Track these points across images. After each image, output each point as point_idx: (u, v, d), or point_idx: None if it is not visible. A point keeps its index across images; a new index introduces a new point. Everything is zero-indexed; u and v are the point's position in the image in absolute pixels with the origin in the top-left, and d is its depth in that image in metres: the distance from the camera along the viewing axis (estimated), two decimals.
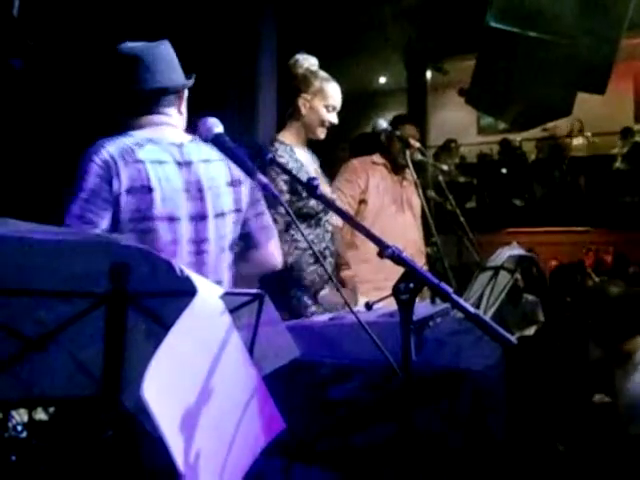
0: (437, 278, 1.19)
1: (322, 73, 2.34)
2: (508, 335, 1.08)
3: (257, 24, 5.20)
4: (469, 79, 4.51)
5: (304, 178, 2.26)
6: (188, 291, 0.97)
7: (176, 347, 0.89)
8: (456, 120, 10.04)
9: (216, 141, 1.34)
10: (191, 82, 1.68)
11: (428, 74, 10.02)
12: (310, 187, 1.20)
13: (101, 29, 4.58)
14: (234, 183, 1.67)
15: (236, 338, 1.03)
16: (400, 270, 1.11)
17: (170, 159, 1.59)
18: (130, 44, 1.65)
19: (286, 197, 2.12)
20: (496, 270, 2.25)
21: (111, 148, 1.53)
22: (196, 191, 1.61)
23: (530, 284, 5.62)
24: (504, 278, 2.41)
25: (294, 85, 2.30)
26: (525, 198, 9.67)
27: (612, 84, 3.94)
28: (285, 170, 1.27)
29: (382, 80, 10.49)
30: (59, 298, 0.99)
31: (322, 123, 2.28)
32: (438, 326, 1.54)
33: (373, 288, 2.53)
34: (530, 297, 5.31)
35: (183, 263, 1.43)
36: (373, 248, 1.13)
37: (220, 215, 1.65)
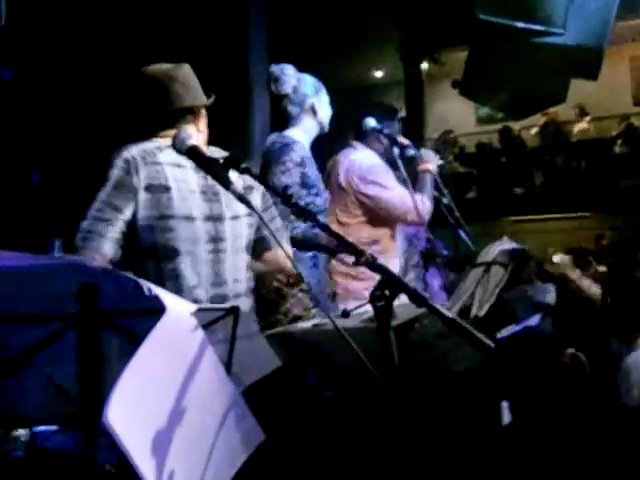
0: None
1: (304, 74, 2.47)
2: (486, 340, 1.07)
3: (247, 25, 5.17)
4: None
5: (315, 174, 2.39)
6: (158, 309, 0.96)
7: (144, 368, 0.88)
8: (454, 111, 9.99)
9: (191, 153, 1.34)
10: (208, 102, 1.80)
11: (424, 66, 9.96)
12: (286, 196, 1.20)
13: (93, 38, 4.58)
14: (247, 189, 1.72)
15: (210, 354, 1.03)
16: None
17: (188, 164, 1.67)
18: (152, 68, 1.78)
19: (295, 189, 2.20)
20: (488, 266, 2.24)
21: (133, 149, 1.67)
22: (212, 194, 1.71)
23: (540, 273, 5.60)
24: (497, 273, 2.39)
25: (299, 94, 2.44)
26: (526, 186, 9.63)
27: (608, 68, 3.91)
28: (258, 179, 1.28)
29: (378, 74, 10.45)
30: (30, 322, 0.99)
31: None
32: (424, 327, 1.53)
33: None
34: (542, 284, 5.28)
35: (202, 261, 1.67)
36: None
37: (235, 217, 1.75)
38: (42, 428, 2.00)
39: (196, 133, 1.77)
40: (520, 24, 3.39)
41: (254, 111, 4.84)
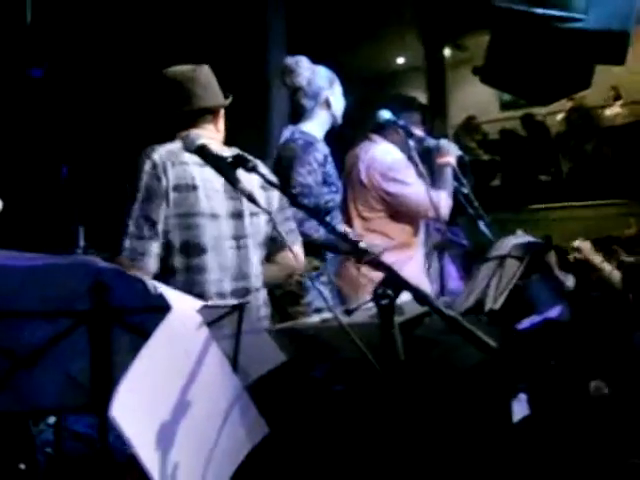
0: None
1: (319, 66, 2.49)
2: (489, 340, 1.08)
3: (265, 15, 5.14)
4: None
5: (334, 172, 2.40)
6: (165, 306, 1.00)
7: (149, 364, 0.92)
8: (477, 96, 9.81)
9: (200, 152, 1.37)
10: (226, 102, 1.87)
11: (446, 51, 9.81)
12: (293, 196, 1.22)
13: (113, 34, 4.65)
14: (265, 188, 1.78)
15: (214, 350, 1.06)
16: None
17: None
18: (173, 70, 1.84)
19: (317, 189, 2.29)
20: (501, 259, 2.23)
21: (160, 151, 1.72)
22: (233, 192, 1.73)
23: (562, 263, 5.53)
24: (512, 266, 2.38)
25: (314, 86, 2.45)
26: (552, 173, 9.46)
27: None
28: (269, 182, 1.32)
29: (400, 61, 10.34)
30: (43, 318, 1.03)
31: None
32: (433, 323, 1.54)
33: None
34: (562, 274, 5.22)
35: (226, 257, 1.74)
36: None
37: (255, 214, 1.81)
38: None
39: (215, 132, 1.84)
40: (539, 10, 3.32)
41: (273, 104, 4.83)
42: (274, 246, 1.87)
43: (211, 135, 1.80)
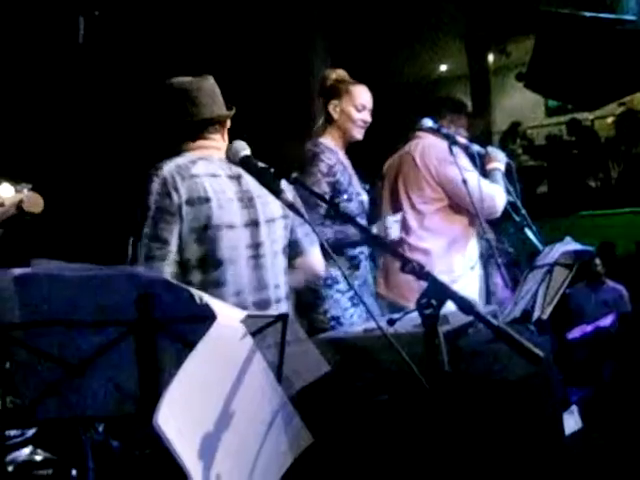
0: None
1: (348, 79, 2.45)
2: (535, 349, 1.05)
3: (309, 30, 5.20)
4: None
5: (347, 180, 2.36)
6: (209, 316, 1.01)
7: (194, 374, 0.93)
8: (522, 102, 9.65)
9: (244, 163, 1.39)
10: (232, 113, 1.81)
11: (490, 58, 9.69)
12: (333, 204, 1.22)
13: (160, 55, 4.79)
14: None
15: (258, 359, 1.07)
16: None
17: (222, 172, 1.71)
18: (179, 80, 1.79)
19: (328, 195, 2.22)
20: (550, 267, 2.18)
21: (167, 166, 1.66)
22: (247, 200, 1.72)
23: (612, 270, 5.34)
24: (561, 274, 2.32)
25: (323, 96, 2.44)
26: (600, 178, 9.18)
27: None
28: (309, 189, 1.31)
29: (443, 68, 10.27)
30: (92, 328, 1.06)
31: (355, 123, 2.39)
32: (478, 333, 1.51)
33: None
34: (612, 283, 5.05)
35: (244, 267, 1.66)
36: None
37: (270, 221, 1.75)
38: None
39: (222, 143, 1.78)
40: (587, 14, 3.25)
41: (317, 113, 4.87)
42: (292, 251, 1.81)
43: (218, 145, 1.75)
